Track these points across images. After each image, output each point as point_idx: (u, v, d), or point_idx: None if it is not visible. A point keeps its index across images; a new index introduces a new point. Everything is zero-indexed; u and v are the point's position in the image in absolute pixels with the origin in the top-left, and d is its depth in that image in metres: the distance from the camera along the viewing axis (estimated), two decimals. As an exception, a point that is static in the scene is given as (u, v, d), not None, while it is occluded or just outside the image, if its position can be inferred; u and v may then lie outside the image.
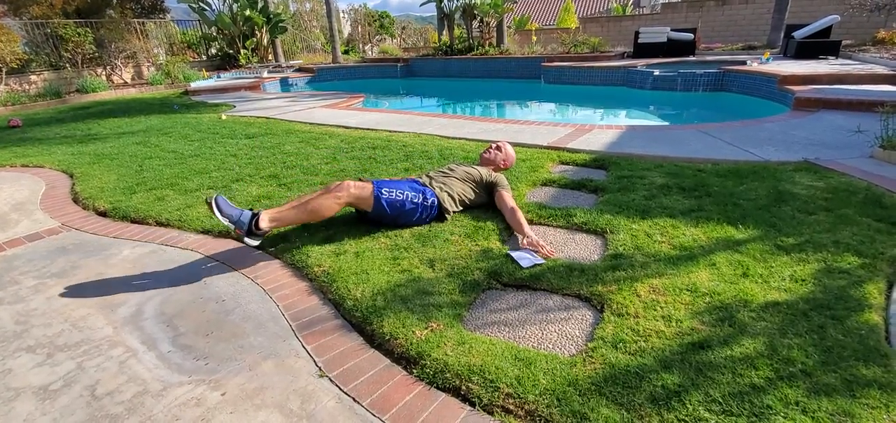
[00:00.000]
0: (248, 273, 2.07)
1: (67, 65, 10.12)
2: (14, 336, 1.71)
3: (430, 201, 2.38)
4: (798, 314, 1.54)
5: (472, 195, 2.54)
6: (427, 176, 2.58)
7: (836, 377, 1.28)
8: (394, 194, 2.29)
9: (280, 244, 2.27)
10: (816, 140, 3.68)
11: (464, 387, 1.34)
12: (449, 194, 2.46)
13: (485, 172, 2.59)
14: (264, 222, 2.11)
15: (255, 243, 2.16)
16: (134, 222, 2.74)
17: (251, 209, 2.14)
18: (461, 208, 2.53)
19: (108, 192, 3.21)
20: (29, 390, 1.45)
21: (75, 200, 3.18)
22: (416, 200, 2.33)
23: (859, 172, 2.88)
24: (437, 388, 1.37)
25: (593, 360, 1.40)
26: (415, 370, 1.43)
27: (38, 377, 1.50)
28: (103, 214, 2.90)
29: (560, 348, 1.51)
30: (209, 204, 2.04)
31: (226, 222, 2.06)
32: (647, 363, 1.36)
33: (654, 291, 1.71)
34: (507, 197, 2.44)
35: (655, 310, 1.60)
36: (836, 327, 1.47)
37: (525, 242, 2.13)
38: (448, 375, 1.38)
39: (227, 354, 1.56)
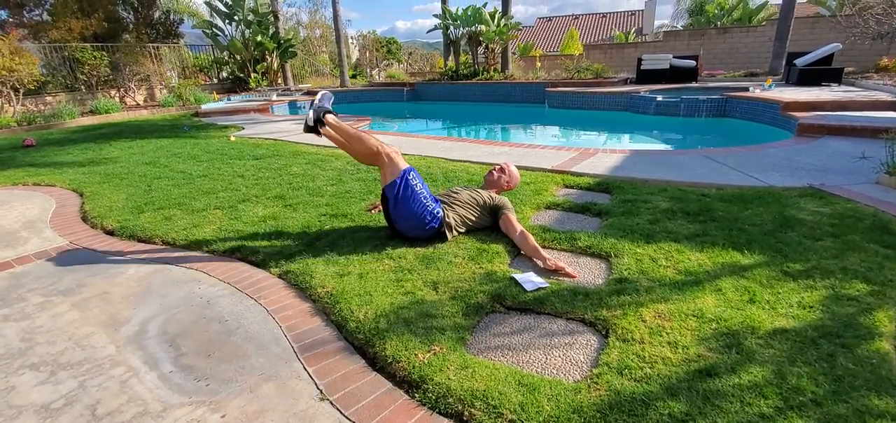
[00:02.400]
0: (252, 294, 2.07)
1: (82, 87, 10.41)
2: (19, 353, 1.72)
3: (435, 211, 2.43)
4: (807, 342, 1.52)
5: (474, 218, 2.55)
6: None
7: (847, 408, 1.25)
8: (415, 183, 2.41)
9: (283, 265, 2.28)
10: (821, 166, 3.68)
11: (466, 413, 1.32)
12: (451, 214, 2.50)
13: (488, 195, 2.61)
14: (330, 117, 2.53)
15: (310, 114, 2.52)
16: (141, 240, 2.77)
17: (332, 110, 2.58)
18: (463, 230, 2.54)
19: (116, 211, 3.26)
20: (31, 408, 1.44)
21: (84, 219, 3.23)
22: (425, 203, 2.41)
23: (865, 198, 2.87)
24: (439, 413, 1.35)
25: (598, 386, 1.37)
26: (417, 395, 1.42)
27: (41, 395, 1.50)
28: (111, 232, 2.94)
29: (564, 374, 1.49)
30: (313, 98, 2.55)
31: (316, 101, 2.55)
32: (653, 391, 1.34)
33: (659, 316, 1.69)
34: (514, 220, 2.45)
35: (661, 336, 1.58)
36: (846, 355, 1.44)
37: (549, 263, 2.14)
38: (450, 400, 1.36)
39: (228, 375, 1.56)
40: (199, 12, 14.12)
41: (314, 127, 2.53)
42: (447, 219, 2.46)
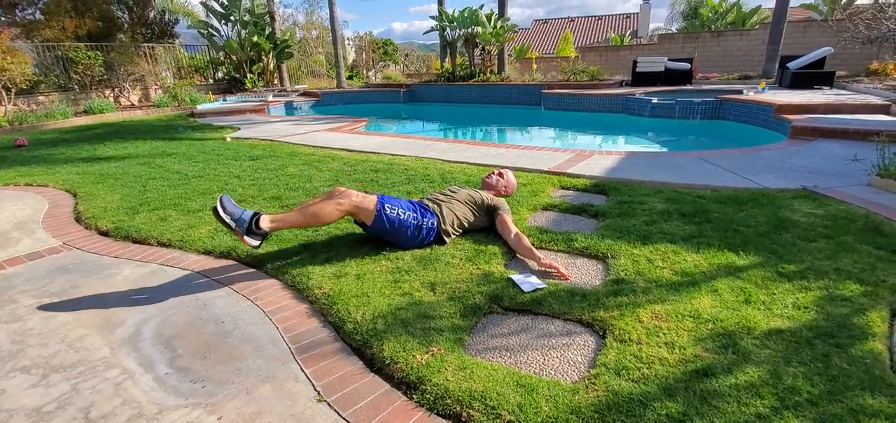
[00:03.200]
0: (248, 295, 2.06)
1: (76, 86, 10.32)
2: (9, 356, 1.69)
3: (429, 223, 2.39)
4: (801, 342, 1.53)
5: (471, 218, 2.55)
6: (429, 199, 2.58)
7: (842, 407, 1.26)
8: (396, 212, 2.32)
9: (280, 265, 2.27)
10: (814, 168, 3.72)
11: (464, 414, 1.32)
12: (449, 217, 2.47)
13: (486, 196, 2.61)
14: (265, 223, 2.14)
15: (255, 243, 2.14)
16: (136, 242, 2.74)
17: (254, 211, 2.17)
18: (460, 232, 2.54)
19: (110, 212, 3.22)
20: (22, 411, 1.42)
21: (78, 220, 3.19)
22: (414, 222, 2.35)
23: (858, 199, 2.90)
24: (438, 414, 1.34)
25: (596, 387, 1.38)
26: (415, 396, 1.41)
27: (32, 399, 1.48)
28: (105, 233, 2.91)
29: (562, 375, 1.49)
30: (215, 207, 2.09)
31: (227, 219, 2.08)
32: (650, 391, 1.35)
33: (656, 317, 1.70)
34: (509, 222, 2.44)
35: (658, 336, 1.59)
36: (840, 355, 1.46)
37: (543, 262, 2.13)
38: (448, 401, 1.36)
39: (224, 377, 1.54)
40: (194, 12, 14.03)
41: (262, 236, 2.15)
42: (443, 226, 2.43)
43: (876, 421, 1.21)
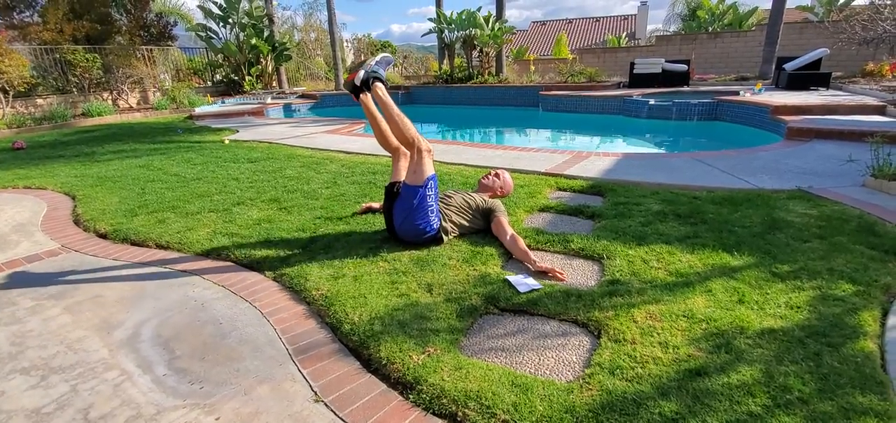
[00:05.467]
0: (246, 296, 2.07)
1: (74, 89, 10.31)
2: (9, 358, 1.70)
3: (434, 223, 2.43)
4: (794, 342, 1.55)
5: (466, 222, 2.57)
6: None
7: (832, 405, 1.27)
8: (430, 196, 2.40)
9: (278, 267, 2.28)
10: (809, 169, 3.75)
11: (460, 413, 1.33)
12: (448, 219, 2.51)
13: (481, 199, 2.63)
14: (381, 86, 2.51)
15: (358, 81, 2.48)
16: (134, 244, 2.75)
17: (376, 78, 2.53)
18: (457, 233, 2.56)
19: (109, 214, 3.23)
20: (22, 412, 1.43)
21: (76, 222, 3.20)
22: (429, 218, 2.40)
23: (852, 200, 2.93)
24: (433, 414, 1.36)
25: (590, 386, 1.39)
26: (411, 396, 1.43)
27: (32, 400, 1.48)
28: (104, 236, 2.92)
29: (557, 375, 1.50)
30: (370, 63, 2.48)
31: (373, 61, 2.53)
32: (644, 390, 1.36)
33: (650, 317, 1.72)
34: (505, 223, 2.46)
35: (652, 336, 1.61)
36: (832, 354, 1.47)
37: (539, 266, 2.14)
38: (444, 401, 1.37)
39: (222, 377, 1.55)
40: (188, 16, 13.97)
41: (358, 88, 2.49)
42: (444, 223, 2.47)
43: (866, 419, 1.22)
